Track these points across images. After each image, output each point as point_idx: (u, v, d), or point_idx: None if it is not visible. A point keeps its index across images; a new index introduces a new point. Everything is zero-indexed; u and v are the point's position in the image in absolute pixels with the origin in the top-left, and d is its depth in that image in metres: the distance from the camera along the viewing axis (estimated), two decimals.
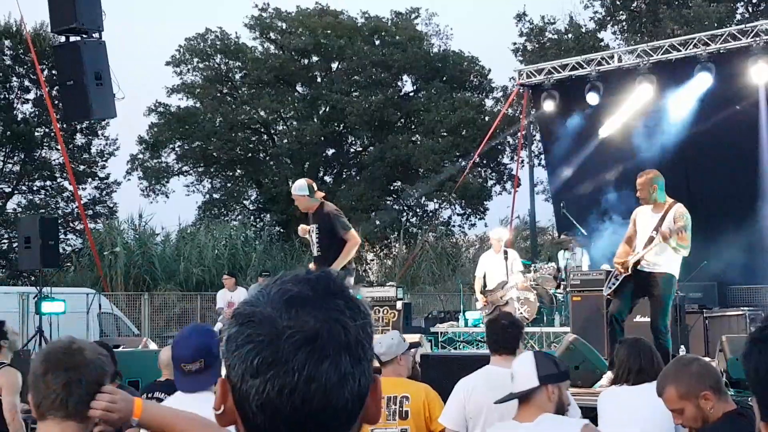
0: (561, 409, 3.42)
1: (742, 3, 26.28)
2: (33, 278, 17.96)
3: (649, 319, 9.87)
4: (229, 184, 32.73)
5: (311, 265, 8.32)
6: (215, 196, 32.35)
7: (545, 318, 12.18)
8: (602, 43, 27.61)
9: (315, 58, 32.13)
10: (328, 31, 31.26)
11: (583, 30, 28.83)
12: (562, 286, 12.34)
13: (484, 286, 11.07)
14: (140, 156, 31.07)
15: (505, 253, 10.96)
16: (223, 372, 1.16)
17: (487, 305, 10.89)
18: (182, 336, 3.52)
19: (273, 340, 1.08)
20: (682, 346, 9.63)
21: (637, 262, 7.27)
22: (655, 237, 7.14)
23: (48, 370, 2.25)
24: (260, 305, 1.11)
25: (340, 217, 8.10)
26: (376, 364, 4.52)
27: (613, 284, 7.56)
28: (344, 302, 1.13)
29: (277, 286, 1.13)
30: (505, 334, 4.38)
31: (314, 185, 8.30)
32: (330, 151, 32.64)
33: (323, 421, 1.09)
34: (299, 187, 8.27)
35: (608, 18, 28.63)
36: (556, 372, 3.44)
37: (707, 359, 4.95)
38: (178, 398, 3.39)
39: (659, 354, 4.57)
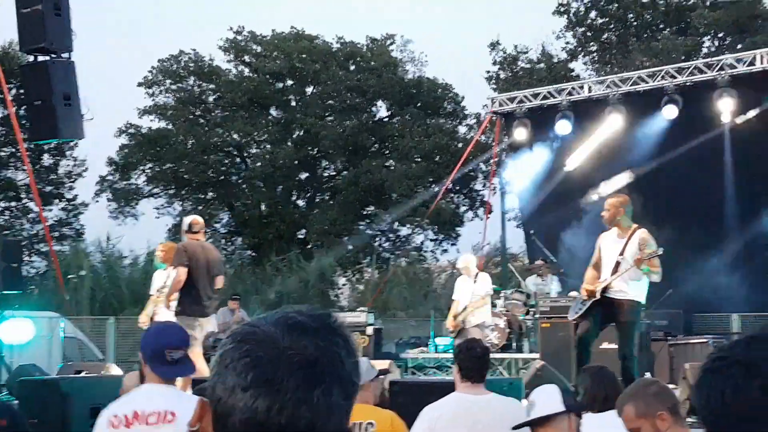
0: None
1: (708, 37, 26.76)
2: None
3: (615, 346, 9.92)
4: (200, 207, 32.50)
5: None
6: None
7: (514, 344, 12.18)
8: (573, 73, 27.93)
9: (290, 82, 32.17)
10: (303, 55, 31.33)
11: (555, 60, 29.16)
12: (530, 313, 12.35)
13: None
14: (109, 177, 30.82)
15: (477, 277, 10.98)
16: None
17: (455, 329, 10.91)
18: (163, 327, 3.76)
19: (272, 359, 1.09)
20: (648, 374, 9.66)
21: (605, 289, 7.30)
22: (621, 262, 7.19)
23: None
24: (262, 326, 1.13)
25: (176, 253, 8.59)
26: None
27: (580, 309, 7.58)
28: (342, 340, 1.16)
29: (280, 314, 1.17)
30: (480, 362, 4.37)
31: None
32: (303, 175, 32.60)
33: None
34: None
35: (579, 49, 29.01)
36: (577, 406, 3.48)
37: (671, 386, 4.95)
38: (145, 390, 3.42)
39: (624, 380, 4.58)
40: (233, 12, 55.82)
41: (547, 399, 3.41)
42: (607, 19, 28.49)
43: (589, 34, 28.69)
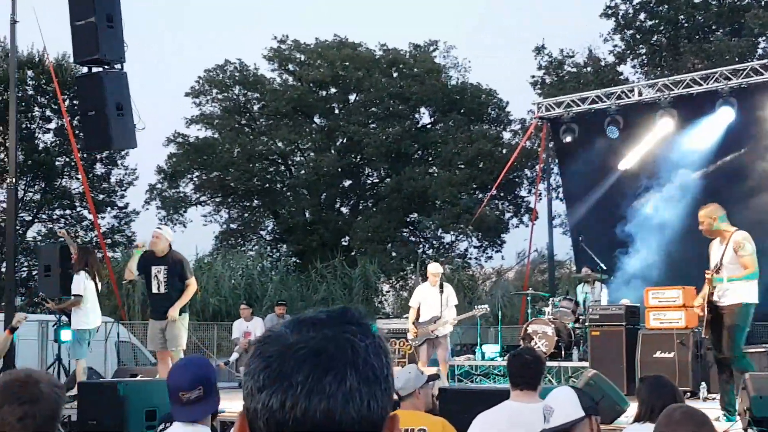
0: None
1: (764, 38, 26.26)
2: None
3: (668, 355, 9.78)
4: (246, 215, 32.84)
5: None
6: (232, 226, 32.46)
7: (563, 352, 12.07)
8: (622, 77, 27.62)
9: (333, 90, 32.33)
10: (347, 63, 31.47)
11: (603, 63, 28.88)
12: (580, 320, 12.24)
13: (417, 317, 11.00)
14: (159, 186, 31.28)
15: (441, 286, 10.94)
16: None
17: (416, 337, 10.86)
18: (178, 366, 3.51)
19: (280, 355, 1.09)
20: (703, 383, 9.51)
21: (711, 295, 7.33)
22: (722, 268, 7.25)
23: (3, 402, 2.28)
24: (276, 328, 1.14)
25: (188, 264, 9.30)
26: (395, 397, 4.49)
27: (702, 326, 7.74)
28: (357, 327, 1.13)
29: (298, 315, 1.17)
30: (528, 370, 4.33)
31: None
32: (347, 183, 32.73)
33: None
34: (169, 232, 9.53)
35: (628, 51, 28.67)
36: (593, 404, 3.40)
37: None
38: (176, 429, 3.33)
39: (680, 392, 4.52)
40: (277, 21, 56.34)
41: (566, 405, 3.34)
42: (656, 21, 28.13)
43: (638, 36, 28.35)
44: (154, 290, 9.07)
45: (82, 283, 9.57)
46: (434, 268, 11.22)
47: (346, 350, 1.09)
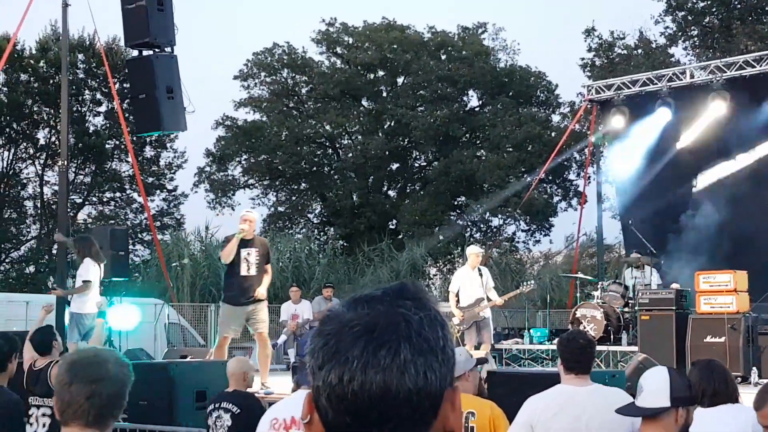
0: None
1: None
2: (102, 288, 18.31)
3: (719, 339, 9.63)
4: (293, 198, 33.02)
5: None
6: (280, 209, 32.67)
7: (612, 336, 11.95)
8: (673, 59, 27.11)
9: (381, 73, 32.27)
10: (395, 46, 31.37)
11: (654, 45, 28.38)
12: (629, 305, 12.10)
13: (457, 301, 10.89)
14: (207, 169, 31.59)
15: (479, 270, 10.82)
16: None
17: (463, 321, 10.75)
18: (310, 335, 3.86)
19: (337, 333, 1.13)
20: (754, 368, 9.35)
21: None
22: None
23: (72, 380, 2.35)
24: (334, 307, 1.18)
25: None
26: None
27: None
28: (413, 302, 1.15)
29: (356, 293, 1.19)
30: (583, 354, 4.29)
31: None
32: (394, 166, 32.70)
33: (385, 411, 1.10)
34: (257, 215, 9.77)
35: (679, 33, 28.13)
36: (688, 395, 3.31)
37: None
38: (303, 397, 3.52)
39: (732, 376, 4.44)
40: (326, 3, 56.34)
41: (655, 389, 3.28)
42: (708, 2, 27.54)
43: (689, 17, 27.78)
44: (243, 272, 8.95)
45: (90, 269, 9.47)
46: (475, 250, 11.11)
47: (399, 324, 1.12)
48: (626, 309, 12.10)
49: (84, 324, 9.33)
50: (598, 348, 11.32)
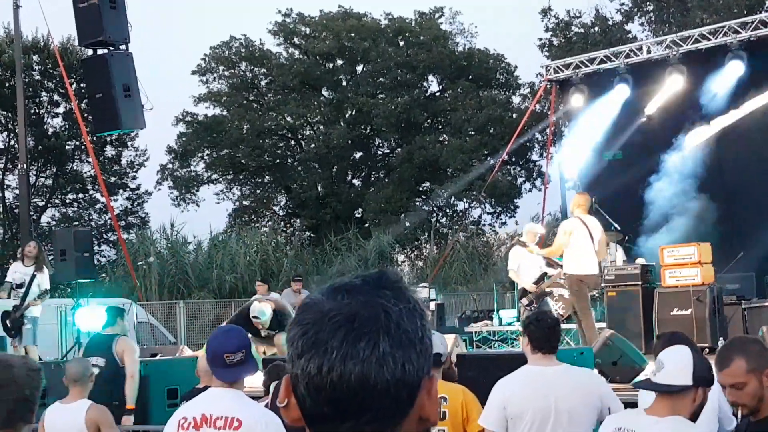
0: (697, 413, 3.33)
1: None
2: (69, 290, 18.16)
3: (685, 312, 9.77)
4: (258, 191, 32.88)
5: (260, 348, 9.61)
6: (245, 203, 32.53)
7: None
8: (630, 35, 27.36)
9: (339, 62, 32.18)
10: (352, 34, 31.29)
11: (610, 23, 28.60)
12: None
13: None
14: (170, 166, 31.31)
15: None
16: None
17: (536, 295, 10.46)
18: (222, 331, 4.03)
19: (317, 322, 1.13)
20: (721, 339, 9.50)
21: None
22: None
23: None
24: (313, 296, 1.18)
25: None
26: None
27: None
28: (392, 292, 1.16)
29: (335, 281, 1.19)
30: (553, 334, 4.33)
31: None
32: (358, 155, 32.68)
33: (364, 401, 1.11)
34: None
35: (635, 9, 28.37)
36: (709, 377, 3.27)
37: None
38: (212, 394, 3.65)
39: (698, 347, 4.50)
40: None
41: (678, 367, 3.23)
42: None
43: None
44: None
45: (47, 277, 9.80)
46: (533, 228, 10.74)
47: (379, 316, 1.13)
48: None
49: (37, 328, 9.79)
50: (568, 326, 11.46)
